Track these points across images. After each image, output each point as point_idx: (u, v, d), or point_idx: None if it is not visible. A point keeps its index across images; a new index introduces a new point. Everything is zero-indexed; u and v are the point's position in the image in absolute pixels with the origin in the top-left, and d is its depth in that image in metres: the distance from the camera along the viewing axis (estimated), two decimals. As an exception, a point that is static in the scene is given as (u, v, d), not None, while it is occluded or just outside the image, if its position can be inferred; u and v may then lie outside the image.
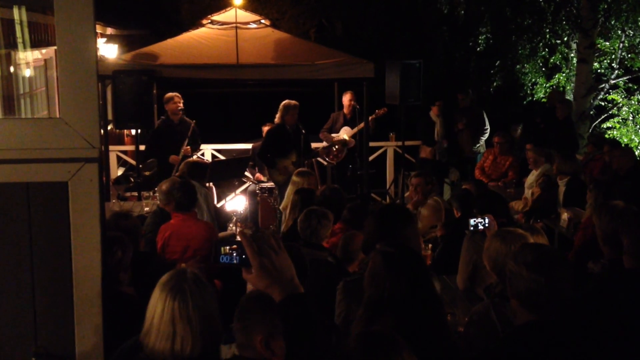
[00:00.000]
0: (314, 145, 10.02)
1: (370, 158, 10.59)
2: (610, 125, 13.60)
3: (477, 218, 4.73)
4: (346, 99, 10.09)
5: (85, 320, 2.41)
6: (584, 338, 2.80)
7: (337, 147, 10.02)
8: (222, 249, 1.95)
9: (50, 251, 2.36)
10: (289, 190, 7.01)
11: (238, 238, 2.06)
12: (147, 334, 2.65)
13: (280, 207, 7.09)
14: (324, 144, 10.22)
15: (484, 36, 14.01)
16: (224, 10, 10.08)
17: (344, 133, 9.99)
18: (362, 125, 9.75)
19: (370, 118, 9.80)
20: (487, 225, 4.70)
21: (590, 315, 3.47)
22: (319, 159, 10.39)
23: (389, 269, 2.87)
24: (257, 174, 10.00)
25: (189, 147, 8.86)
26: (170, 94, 9.03)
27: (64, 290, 2.37)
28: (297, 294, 1.94)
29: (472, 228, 4.72)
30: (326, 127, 10.30)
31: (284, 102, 9.01)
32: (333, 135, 10.10)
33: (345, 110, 10.14)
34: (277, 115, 9.09)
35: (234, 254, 1.94)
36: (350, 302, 3.79)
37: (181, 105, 8.97)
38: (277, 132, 9.04)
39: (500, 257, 3.65)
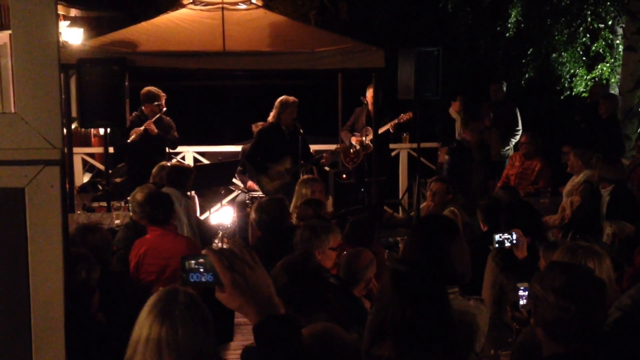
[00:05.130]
0: (313, 148, 10.01)
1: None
2: (663, 125, 13.60)
3: (502, 233, 4.73)
4: (369, 94, 9.95)
5: (45, 351, 2.41)
6: None
7: (352, 150, 10.01)
8: (187, 263, 1.93)
9: (4, 270, 2.37)
10: (294, 203, 6.99)
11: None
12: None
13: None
14: (332, 146, 10.23)
15: (514, 19, 14.02)
16: (208, -12, 10.09)
17: (351, 138, 10.00)
18: (385, 128, 9.75)
19: (392, 124, 9.79)
20: (514, 242, 4.70)
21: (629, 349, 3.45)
22: (327, 167, 10.40)
23: (393, 290, 2.89)
24: (249, 182, 9.98)
25: (154, 126, 8.95)
26: (155, 90, 9.05)
27: (19, 315, 2.38)
28: (276, 315, 1.94)
29: (497, 245, 4.73)
30: (349, 124, 10.24)
31: (281, 98, 9.00)
32: (356, 134, 10.08)
33: (370, 107, 10.05)
34: (272, 113, 9.06)
35: (201, 270, 1.93)
36: None
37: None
38: (270, 131, 9.02)
39: None
